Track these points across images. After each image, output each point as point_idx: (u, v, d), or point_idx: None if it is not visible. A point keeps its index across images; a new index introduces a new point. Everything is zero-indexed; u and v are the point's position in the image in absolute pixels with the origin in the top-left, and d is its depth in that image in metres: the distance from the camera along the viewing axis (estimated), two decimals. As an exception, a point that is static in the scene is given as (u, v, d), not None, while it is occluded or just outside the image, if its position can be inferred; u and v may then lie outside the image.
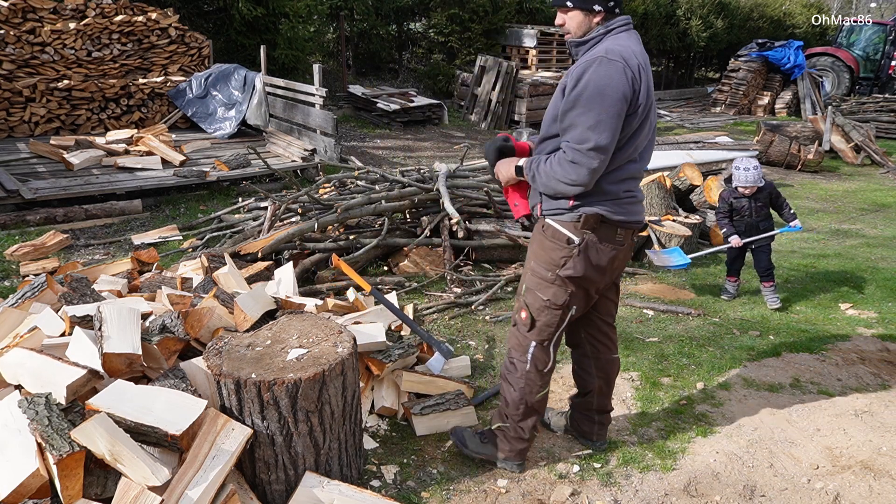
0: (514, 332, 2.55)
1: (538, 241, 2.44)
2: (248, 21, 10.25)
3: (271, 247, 4.24)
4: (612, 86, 2.12)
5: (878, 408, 3.23)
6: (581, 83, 2.15)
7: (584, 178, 2.18)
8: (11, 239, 5.22)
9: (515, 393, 2.53)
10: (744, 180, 4.47)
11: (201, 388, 2.39)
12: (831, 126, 10.82)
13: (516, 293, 2.64)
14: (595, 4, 2.23)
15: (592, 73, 2.14)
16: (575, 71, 2.20)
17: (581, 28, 2.27)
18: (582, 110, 2.15)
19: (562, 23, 2.31)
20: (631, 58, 2.17)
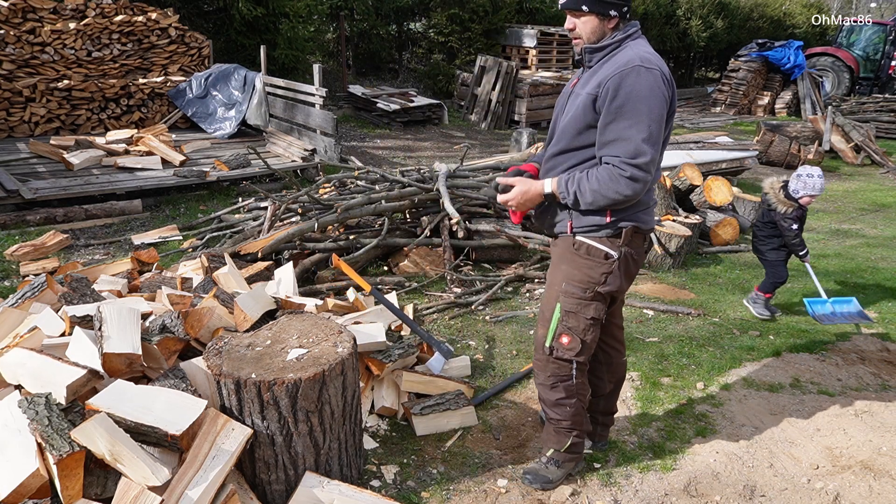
0: (551, 361, 2.41)
1: (570, 261, 2.31)
2: (248, 21, 10.25)
3: (271, 247, 4.24)
4: (657, 95, 2.08)
5: (878, 408, 3.23)
6: (622, 93, 2.07)
7: (640, 191, 2.12)
8: (11, 239, 5.22)
9: (575, 402, 2.49)
10: (819, 188, 4.09)
11: (201, 388, 2.39)
12: (831, 126, 10.82)
13: (540, 318, 2.43)
14: (612, 9, 2.15)
15: (634, 83, 2.07)
16: (610, 81, 2.10)
17: (595, 34, 2.19)
18: (630, 122, 2.07)
19: (572, 27, 2.22)
20: (663, 65, 2.14)
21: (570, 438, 2.55)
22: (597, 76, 2.17)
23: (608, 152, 2.14)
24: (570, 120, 2.23)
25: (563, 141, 2.27)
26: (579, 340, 2.35)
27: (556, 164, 2.31)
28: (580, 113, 2.19)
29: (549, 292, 2.39)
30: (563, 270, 2.34)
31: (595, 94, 2.13)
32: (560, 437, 2.56)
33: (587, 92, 2.17)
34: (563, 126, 2.27)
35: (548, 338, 2.38)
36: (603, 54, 2.19)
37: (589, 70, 2.24)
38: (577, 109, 2.20)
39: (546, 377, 2.47)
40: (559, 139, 2.30)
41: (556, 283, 2.35)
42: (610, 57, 2.17)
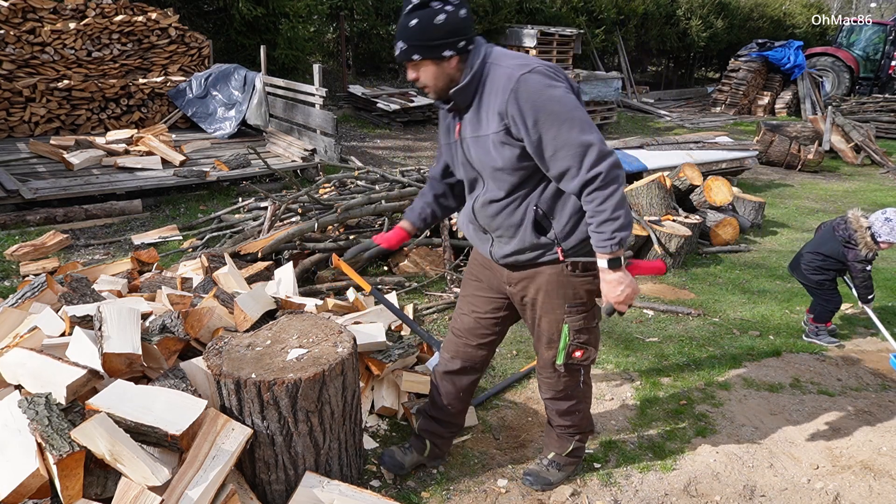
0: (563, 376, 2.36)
1: (567, 284, 2.18)
2: (248, 21, 10.25)
3: (271, 247, 4.24)
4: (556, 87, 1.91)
5: (878, 408, 3.23)
6: (528, 108, 1.89)
7: (620, 169, 1.95)
8: (11, 239, 5.22)
9: (584, 407, 2.52)
10: (887, 234, 3.73)
11: (201, 388, 2.39)
12: (831, 126, 10.82)
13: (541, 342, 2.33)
14: (445, 50, 1.93)
15: (532, 93, 1.89)
16: (509, 107, 1.90)
17: (440, 79, 1.99)
18: (557, 128, 1.89)
19: (415, 77, 2.01)
20: (536, 60, 1.97)
21: (572, 443, 2.56)
22: (487, 111, 1.98)
23: (559, 171, 1.95)
24: (493, 164, 2.03)
25: (502, 186, 2.07)
26: (593, 349, 2.32)
27: (501, 209, 2.11)
28: (498, 152, 2.00)
29: (548, 318, 2.25)
30: (560, 295, 2.20)
31: (502, 128, 1.96)
32: (563, 441, 2.56)
33: (492, 132, 1.98)
34: (489, 172, 2.06)
35: (559, 357, 2.30)
36: (473, 89, 2.00)
37: (469, 110, 2.04)
38: (490, 151, 2.01)
39: (556, 392, 2.42)
40: (495, 185, 2.09)
41: (555, 309, 2.22)
42: (483, 87, 1.98)
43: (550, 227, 2.10)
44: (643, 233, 5.30)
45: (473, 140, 2.06)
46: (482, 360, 2.50)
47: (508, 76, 1.92)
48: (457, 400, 2.55)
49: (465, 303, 2.46)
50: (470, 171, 2.17)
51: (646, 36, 17.01)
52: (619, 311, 2.07)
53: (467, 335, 2.45)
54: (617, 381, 3.43)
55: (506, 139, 1.98)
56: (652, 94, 17.39)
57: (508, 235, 2.15)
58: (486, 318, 2.41)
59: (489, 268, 2.34)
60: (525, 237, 2.12)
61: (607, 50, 16.48)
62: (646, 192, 5.72)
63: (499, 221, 2.14)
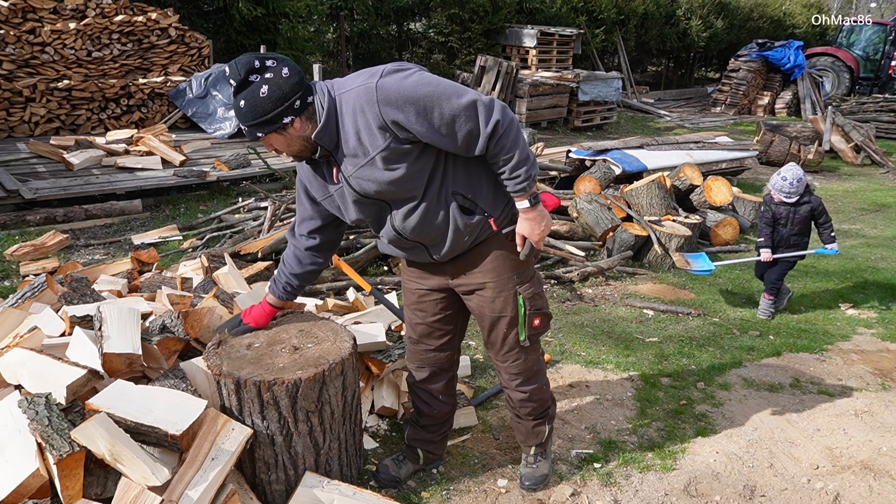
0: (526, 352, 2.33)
1: (508, 256, 2.17)
2: (248, 21, 10.25)
3: (271, 247, 4.24)
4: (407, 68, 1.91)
5: (878, 408, 3.23)
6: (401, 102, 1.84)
7: (509, 112, 1.95)
8: (11, 239, 5.22)
9: (546, 380, 2.50)
10: (776, 187, 4.25)
11: (201, 388, 2.39)
12: (831, 126, 10.82)
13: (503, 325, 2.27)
14: (285, 117, 1.87)
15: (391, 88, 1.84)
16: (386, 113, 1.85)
17: (293, 143, 1.94)
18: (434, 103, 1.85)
19: (272, 148, 1.97)
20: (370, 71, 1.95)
21: (546, 428, 2.56)
22: (360, 137, 1.90)
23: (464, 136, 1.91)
24: (390, 180, 1.94)
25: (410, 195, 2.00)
26: (546, 314, 2.31)
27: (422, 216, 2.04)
28: (391, 167, 1.92)
29: (503, 297, 2.21)
30: (508, 268, 2.19)
31: (388, 139, 1.89)
32: (539, 429, 2.55)
33: (379, 150, 1.90)
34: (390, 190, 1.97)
35: (521, 332, 2.27)
36: (333, 126, 1.92)
37: (339, 148, 1.96)
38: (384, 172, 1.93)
39: (525, 373, 2.38)
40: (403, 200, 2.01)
41: (507, 284, 2.20)
42: (342, 119, 1.92)
43: (476, 204, 2.07)
44: (643, 233, 5.30)
45: (359, 172, 1.95)
46: (448, 359, 2.47)
47: (366, 91, 1.87)
48: (439, 403, 2.53)
49: (412, 312, 2.40)
50: (370, 206, 2.06)
51: (646, 36, 17.01)
52: (538, 248, 2.15)
53: (425, 341, 2.42)
54: (617, 381, 3.43)
55: (396, 147, 1.90)
56: (652, 94, 17.39)
57: (441, 237, 2.10)
58: (438, 319, 2.37)
59: (428, 269, 2.29)
60: (457, 225, 2.06)
61: (607, 50, 16.47)
62: (646, 192, 5.72)
63: (426, 229, 2.07)
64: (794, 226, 4.32)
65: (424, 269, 2.30)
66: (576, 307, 4.49)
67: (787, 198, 4.25)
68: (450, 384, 2.54)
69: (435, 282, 2.30)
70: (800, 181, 4.21)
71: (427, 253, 2.18)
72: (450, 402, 2.57)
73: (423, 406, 2.54)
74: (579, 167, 7.11)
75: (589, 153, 7.09)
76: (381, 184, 1.96)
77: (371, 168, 1.94)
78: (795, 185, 4.21)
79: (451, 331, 2.43)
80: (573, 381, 3.41)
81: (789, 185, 4.21)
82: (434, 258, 2.19)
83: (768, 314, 4.43)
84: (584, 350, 3.78)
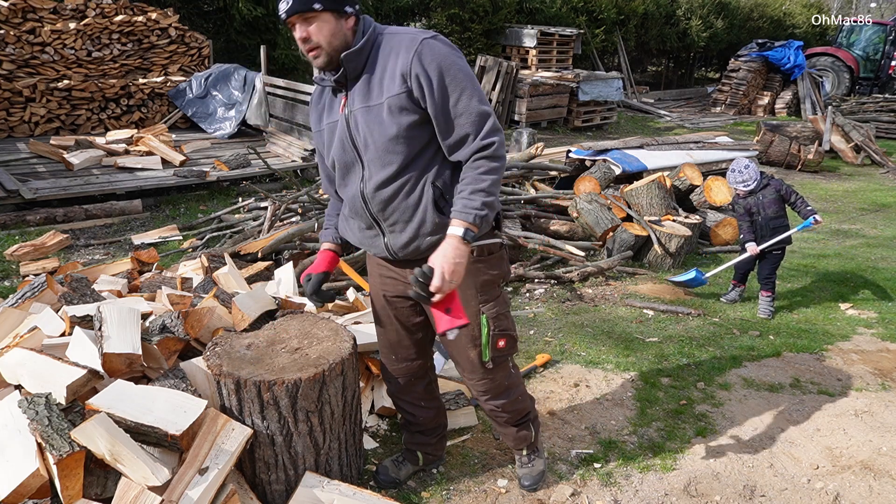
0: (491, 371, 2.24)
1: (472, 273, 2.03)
2: (248, 21, 10.25)
3: (271, 247, 4.24)
4: (460, 55, 1.90)
5: (878, 408, 3.23)
6: (433, 70, 1.83)
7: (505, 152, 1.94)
8: (11, 239, 5.22)
9: (523, 390, 2.47)
10: (732, 182, 4.43)
11: (201, 388, 2.39)
12: (831, 126, 10.82)
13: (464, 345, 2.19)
14: (347, 6, 1.84)
15: (438, 55, 1.84)
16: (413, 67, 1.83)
17: (336, 37, 1.85)
18: (459, 93, 1.86)
19: (305, 35, 1.84)
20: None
21: (532, 429, 2.53)
22: (382, 77, 1.88)
23: (459, 136, 1.90)
24: (385, 134, 1.90)
25: (394, 161, 1.93)
26: (511, 336, 2.23)
27: (396, 190, 1.96)
28: (393, 119, 1.88)
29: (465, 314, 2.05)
30: (471, 285, 2.09)
31: (403, 90, 1.86)
32: (524, 432, 2.50)
33: (390, 95, 1.87)
34: (380, 146, 1.92)
35: (485, 354, 2.18)
36: (365, 56, 1.90)
37: (357, 81, 1.93)
38: (384, 119, 1.89)
39: (493, 391, 2.30)
40: (383, 163, 1.94)
41: (469, 301, 2.09)
42: (376, 55, 1.89)
43: (449, 206, 1.96)
44: (643, 233, 5.30)
45: (363, 111, 1.91)
46: (421, 366, 2.40)
47: (412, 39, 1.86)
48: (422, 410, 2.49)
49: (380, 323, 2.34)
50: (348, 152, 2.00)
51: (646, 36, 17.01)
52: (430, 294, 1.82)
53: (395, 350, 2.35)
54: (617, 381, 3.43)
55: (405, 103, 1.87)
56: (652, 94, 17.40)
57: (405, 220, 2.00)
58: (407, 326, 2.30)
59: (388, 273, 2.21)
60: (426, 217, 1.97)
61: (607, 50, 16.48)
62: (646, 192, 5.72)
63: (395, 205, 1.98)
64: (768, 211, 4.40)
65: (386, 270, 2.22)
66: (576, 307, 4.49)
67: (746, 186, 4.39)
68: (429, 388, 2.49)
69: (400, 286, 2.19)
70: (747, 167, 4.37)
71: (382, 240, 2.08)
72: (433, 406, 2.52)
73: (409, 415, 2.51)
74: (579, 167, 7.11)
75: (589, 153, 7.09)
76: (371, 134, 1.92)
77: (374, 113, 1.91)
78: (745, 171, 4.37)
79: (423, 339, 2.35)
80: (573, 381, 3.41)
81: (740, 174, 4.38)
82: (390, 249, 2.08)
83: (768, 313, 4.44)
84: (584, 350, 3.78)
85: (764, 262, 4.50)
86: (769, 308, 4.45)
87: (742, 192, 4.44)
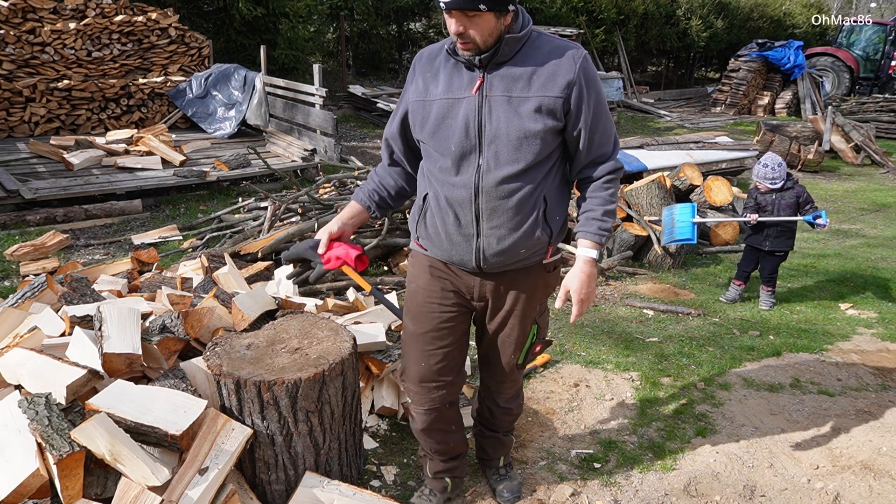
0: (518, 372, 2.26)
1: (543, 287, 2.10)
2: (248, 21, 10.26)
3: (271, 247, 4.24)
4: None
5: (878, 408, 3.23)
6: (592, 87, 1.87)
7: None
8: (11, 239, 5.22)
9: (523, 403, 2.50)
10: (759, 175, 4.40)
11: (201, 388, 2.38)
12: (831, 126, 10.81)
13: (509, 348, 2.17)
14: (510, 4, 1.79)
15: (593, 73, 1.89)
16: (577, 76, 1.84)
17: (492, 35, 1.79)
18: (604, 116, 1.93)
19: (462, 30, 1.77)
20: None
21: (511, 438, 2.56)
22: (539, 75, 1.84)
23: (598, 154, 1.95)
24: (523, 129, 1.84)
25: (521, 160, 1.86)
26: (547, 342, 2.24)
27: (514, 190, 1.88)
28: (539, 118, 1.84)
29: (522, 325, 2.11)
30: (538, 298, 2.10)
31: (562, 95, 1.84)
32: (507, 437, 2.51)
33: (547, 94, 1.83)
34: (513, 140, 1.84)
35: (521, 356, 2.18)
36: (520, 45, 1.86)
37: (502, 67, 1.85)
38: (527, 116, 1.83)
39: (515, 391, 2.34)
40: (510, 158, 1.86)
41: (530, 313, 2.10)
42: (530, 50, 1.87)
43: (548, 224, 1.95)
44: (643, 233, 5.30)
45: (504, 100, 1.84)
46: (458, 388, 2.26)
47: (575, 50, 1.88)
48: (456, 432, 2.34)
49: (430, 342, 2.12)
50: (471, 138, 1.87)
51: (646, 36, 17.02)
52: (582, 310, 1.98)
53: (436, 377, 2.16)
54: (617, 381, 3.43)
55: (557, 108, 1.84)
56: (652, 94, 17.40)
57: (510, 226, 1.90)
58: (454, 347, 2.16)
59: (452, 286, 2.08)
60: (532, 229, 1.92)
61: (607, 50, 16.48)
62: (646, 192, 5.72)
63: (507, 205, 1.88)
64: (782, 213, 4.38)
65: (451, 283, 2.08)
66: (576, 307, 4.49)
67: (773, 184, 4.36)
68: (458, 411, 2.34)
69: (460, 299, 2.09)
70: (780, 165, 4.35)
71: (475, 243, 1.94)
72: (461, 425, 2.38)
73: (440, 446, 2.31)
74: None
75: (589, 153, 7.08)
76: (512, 123, 1.84)
77: (515, 105, 1.84)
78: (777, 169, 4.34)
79: (462, 358, 2.23)
80: (573, 381, 3.41)
81: (772, 171, 4.34)
82: (480, 253, 1.94)
83: (769, 304, 4.54)
84: (584, 350, 3.78)
85: (767, 262, 4.54)
86: (770, 300, 4.56)
87: (764, 188, 4.40)
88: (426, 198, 2.01)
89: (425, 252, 2.09)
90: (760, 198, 4.45)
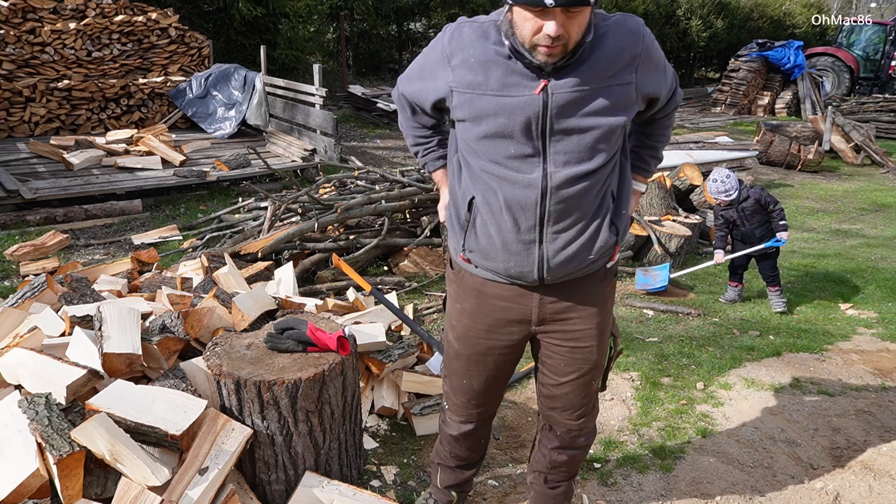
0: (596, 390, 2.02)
1: (612, 293, 1.92)
2: (248, 21, 10.26)
3: (271, 247, 4.24)
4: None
5: (878, 408, 3.23)
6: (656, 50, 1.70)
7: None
8: (11, 239, 5.22)
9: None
10: (713, 192, 4.45)
11: (201, 388, 2.39)
12: (831, 126, 10.81)
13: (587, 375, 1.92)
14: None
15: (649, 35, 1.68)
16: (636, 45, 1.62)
17: (586, 32, 1.56)
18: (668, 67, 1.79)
19: (560, 31, 1.49)
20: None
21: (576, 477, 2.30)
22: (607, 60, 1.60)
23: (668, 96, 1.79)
24: (609, 117, 1.61)
25: (591, 157, 1.64)
26: (618, 350, 2.05)
27: (586, 189, 1.66)
28: (624, 101, 1.63)
29: (602, 345, 1.89)
30: (609, 309, 1.89)
31: (633, 80, 1.64)
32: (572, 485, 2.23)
33: (625, 81, 1.62)
34: (585, 137, 1.62)
35: (602, 380, 1.99)
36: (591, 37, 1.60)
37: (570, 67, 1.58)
38: (611, 103, 1.61)
39: (594, 423, 2.07)
40: (581, 157, 1.64)
41: (607, 328, 1.89)
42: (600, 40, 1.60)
43: (613, 223, 1.73)
44: (643, 233, 5.30)
45: (576, 94, 1.58)
46: (496, 408, 2.15)
47: (635, 24, 1.65)
48: (481, 446, 2.23)
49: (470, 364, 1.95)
50: (536, 140, 1.62)
51: (646, 36, 17.03)
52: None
53: (479, 397, 2.02)
54: (617, 381, 3.43)
55: (629, 94, 1.64)
56: (652, 94, 17.37)
57: (580, 229, 1.70)
58: (500, 373, 1.99)
59: (506, 315, 1.84)
60: (599, 232, 1.72)
61: (607, 50, 16.49)
62: (645, 192, 5.72)
63: (578, 206, 1.67)
64: (750, 221, 4.46)
65: (506, 305, 1.83)
66: (576, 307, 4.49)
67: (728, 196, 4.40)
68: (491, 425, 2.23)
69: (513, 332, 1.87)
70: (728, 177, 4.40)
71: (537, 251, 1.71)
72: (489, 438, 2.28)
73: (464, 453, 2.19)
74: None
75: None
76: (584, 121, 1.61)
77: (594, 96, 1.60)
78: (727, 181, 4.39)
79: (508, 379, 2.07)
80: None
81: (722, 184, 4.40)
82: (543, 262, 1.72)
83: (782, 305, 4.51)
84: (584, 350, 3.78)
85: (763, 263, 4.56)
86: (781, 300, 4.53)
87: (723, 203, 4.45)
88: (472, 203, 1.74)
89: (474, 270, 1.83)
90: (725, 214, 4.51)
